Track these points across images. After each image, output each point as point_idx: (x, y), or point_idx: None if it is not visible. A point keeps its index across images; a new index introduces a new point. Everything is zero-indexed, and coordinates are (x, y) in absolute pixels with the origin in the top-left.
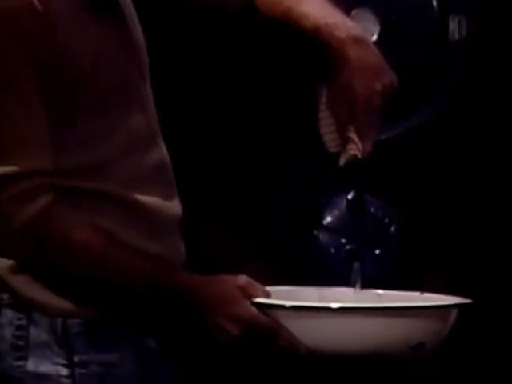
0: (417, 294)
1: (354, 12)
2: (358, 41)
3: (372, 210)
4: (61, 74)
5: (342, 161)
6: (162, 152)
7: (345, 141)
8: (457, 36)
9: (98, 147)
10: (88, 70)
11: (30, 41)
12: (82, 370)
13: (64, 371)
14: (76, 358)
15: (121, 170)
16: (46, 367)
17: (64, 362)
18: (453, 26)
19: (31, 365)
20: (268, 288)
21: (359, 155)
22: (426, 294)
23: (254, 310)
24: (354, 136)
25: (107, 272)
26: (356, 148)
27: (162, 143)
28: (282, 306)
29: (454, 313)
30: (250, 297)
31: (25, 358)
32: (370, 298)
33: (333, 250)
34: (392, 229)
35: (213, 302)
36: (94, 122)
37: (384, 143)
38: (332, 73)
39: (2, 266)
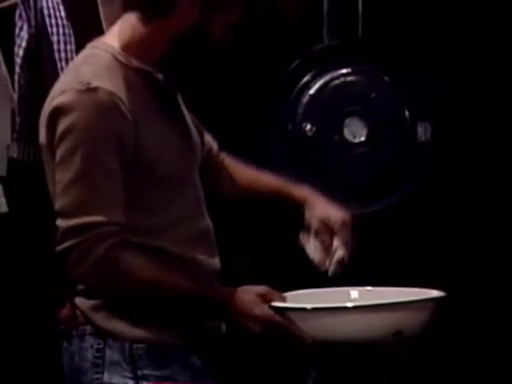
0: (399, 288)
1: (347, 120)
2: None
3: None
4: (137, 159)
5: (331, 270)
6: (206, 219)
7: (331, 254)
8: (423, 138)
9: (160, 214)
10: (156, 157)
11: (116, 133)
12: (144, 382)
13: (130, 382)
14: (139, 373)
15: (177, 233)
16: (117, 379)
17: (130, 375)
18: (420, 130)
19: (106, 378)
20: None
21: (346, 257)
22: (408, 289)
23: (269, 311)
24: (338, 244)
25: (166, 291)
26: (342, 252)
27: (206, 213)
28: (303, 309)
29: (430, 305)
30: (268, 301)
31: (101, 373)
32: (363, 294)
33: None
34: None
35: (240, 307)
36: (157, 195)
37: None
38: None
39: (86, 305)
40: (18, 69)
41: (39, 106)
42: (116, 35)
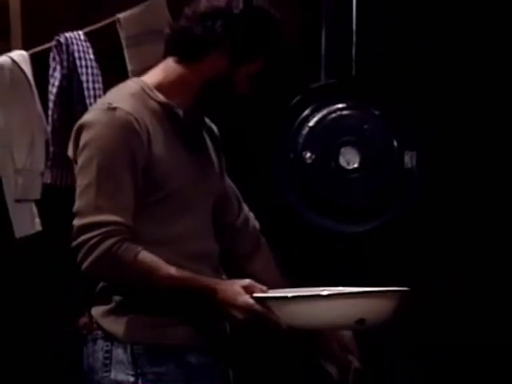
0: (370, 288)
1: (342, 149)
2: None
3: None
4: (147, 174)
5: (351, 381)
6: (207, 242)
7: (351, 369)
8: (409, 165)
9: (160, 227)
10: (164, 176)
11: (129, 148)
12: (143, 378)
13: (131, 379)
14: (139, 370)
15: (173, 248)
16: (121, 376)
17: (132, 372)
18: (407, 158)
19: (113, 375)
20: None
21: (359, 367)
22: (378, 288)
23: (251, 301)
24: (353, 359)
25: (161, 279)
26: (357, 364)
27: (210, 237)
28: (283, 298)
29: (392, 296)
30: (250, 293)
31: (109, 371)
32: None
33: None
34: None
35: (225, 297)
36: (161, 210)
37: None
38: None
39: (98, 312)
40: (51, 105)
41: (70, 137)
42: (153, 74)
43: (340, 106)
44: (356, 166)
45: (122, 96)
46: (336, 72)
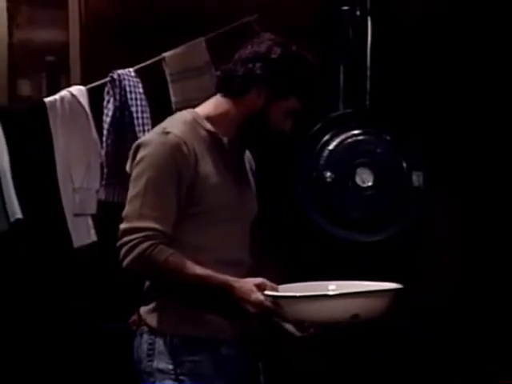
0: (368, 282)
1: (358, 169)
2: None
3: None
4: (191, 190)
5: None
6: (244, 251)
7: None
8: (417, 183)
9: (205, 236)
10: (205, 193)
11: (176, 167)
12: (181, 366)
13: (171, 367)
14: (177, 359)
15: (219, 254)
16: (162, 365)
17: (171, 361)
18: (414, 177)
19: (155, 364)
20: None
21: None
22: (376, 283)
23: (261, 298)
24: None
25: (187, 277)
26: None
27: (246, 246)
28: (292, 297)
29: (384, 295)
30: (263, 290)
31: (152, 361)
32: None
33: None
34: None
35: (240, 293)
36: (198, 221)
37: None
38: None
39: (144, 310)
40: (105, 132)
41: (121, 159)
42: (204, 106)
43: (356, 132)
44: (370, 184)
45: (176, 123)
46: (352, 103)
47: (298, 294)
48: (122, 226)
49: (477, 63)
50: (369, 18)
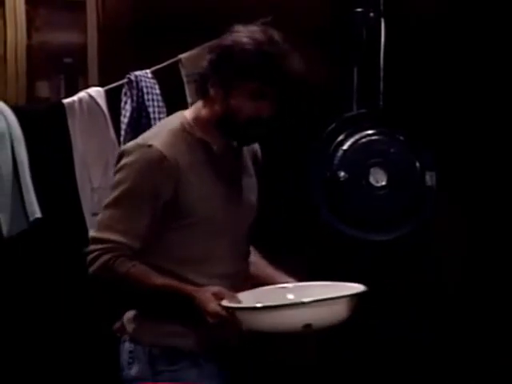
0: (327, 282)
1: (371, 169)
2: None
3: None
4: (175, 204)
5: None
6: (234, 263)
7: None
8: (429, 183)
9: (191, 250)
10: (193, 206)
11: (152, 184)
12: (160, 375)
13: (150, 376)
14: (156, 369)
15: (205, 268)
16: (141, 373)
17: (150, 370)
18: (427, 177)
19: (134, 372)
20: (235, 294)
21: None
22: (336, 283)
23: (218, 308)
24: None
25: (148, 286)
26: None
27: (239, 257)
28: (245, 308)
29: (336, 304)
30: (220, 299)
31: (131, 369)
32: (296, 290)
33: None
34: None
35: (199, 303)
36: (190, 234)
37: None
38: None
39: (126, 319)
40: (123, 132)
41: None
42: (193, 109)
43: (370, 132)
44: (383, 183)
45: (161, 133)
46: (366, 103)
47: (248, 306)
48: (91, 233)
49: (489, 64)
50: (382, 20)
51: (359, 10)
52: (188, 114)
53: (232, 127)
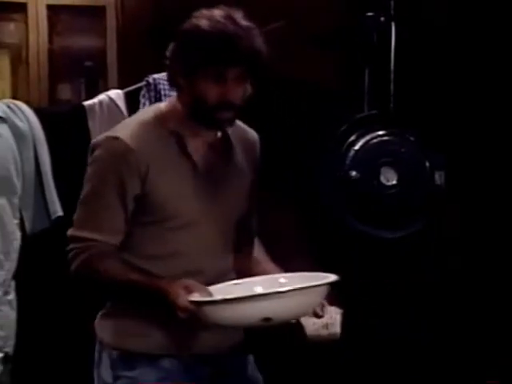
0: (301, 273)
1: (382, 168)
2: None
3: None
4: (145, 199)
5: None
6: (208, 258)
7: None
8: (439, 182)
9: (155, 245)
10: (163, 202)
11: (119, 178)
12: (119, 380)
13: (110, 381)
14: (116, 373)
15: (178, 263)
16: (105, 377)
17: (111, 375)
18: (437, 176)
19: (101, 375)
20: (206, 287)
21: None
22: (310, 273)
23: (186, 302)
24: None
25: (123, 281)
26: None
27: (215, 252)
28: (209, 302)
29: (295, 295)
30: (190, 293)
31: (100, 371)
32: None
33: None
34: None
35: (169, 297)
36: (162, 229)
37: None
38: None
39: (96, 321)
40: None
41: None
42: (168, 102)
43: (381, 132)
44: (394, 183)
45: (131, 125)
46: (377, 105)
47: (208, 299)
48: (69, 232)
49: (499, 67)
50: (393, 24)
51: (370, 14)
52: (163, 106)
53: (201, 113)
